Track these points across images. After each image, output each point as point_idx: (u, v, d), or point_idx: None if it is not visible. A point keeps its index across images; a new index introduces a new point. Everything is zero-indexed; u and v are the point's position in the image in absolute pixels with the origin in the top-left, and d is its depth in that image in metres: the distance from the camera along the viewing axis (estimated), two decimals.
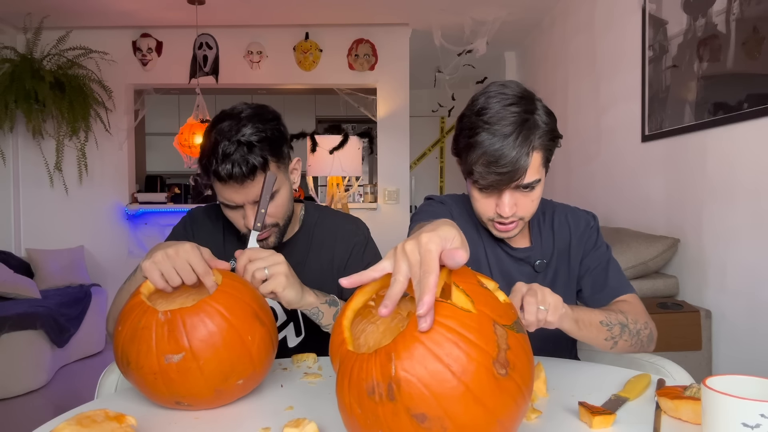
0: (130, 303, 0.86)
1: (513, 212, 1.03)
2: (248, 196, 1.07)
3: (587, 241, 1.18)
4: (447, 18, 3.97)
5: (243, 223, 1.11)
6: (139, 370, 0.80)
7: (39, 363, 3.21)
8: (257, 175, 1.05)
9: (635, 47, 2.66)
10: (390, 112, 4.44)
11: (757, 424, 0.57)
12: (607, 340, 1.00)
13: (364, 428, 0.60)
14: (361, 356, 0.61)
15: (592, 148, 3.24)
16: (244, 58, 4.31)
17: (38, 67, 3.89)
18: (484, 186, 1.02)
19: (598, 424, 0.75)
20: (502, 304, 0.64)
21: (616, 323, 1.00)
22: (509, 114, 0.98)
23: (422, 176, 6.80)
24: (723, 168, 2.04)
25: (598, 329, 0.98)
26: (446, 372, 0.56)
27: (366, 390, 0.58)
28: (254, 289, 0.92)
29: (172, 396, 0.81)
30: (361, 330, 0.72)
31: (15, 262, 3.97)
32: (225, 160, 1.03)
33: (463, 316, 0.59)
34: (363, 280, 0.63)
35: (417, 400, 0.56)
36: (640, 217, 2.65)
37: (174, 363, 0.79)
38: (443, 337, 0.57)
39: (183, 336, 0.79)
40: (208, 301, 0.83)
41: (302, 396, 0.90)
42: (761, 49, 1.81)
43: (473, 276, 0.65)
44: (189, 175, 5.03)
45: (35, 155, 4.25)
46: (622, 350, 1.04)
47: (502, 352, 0.58)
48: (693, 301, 2.21)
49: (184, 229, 1.26)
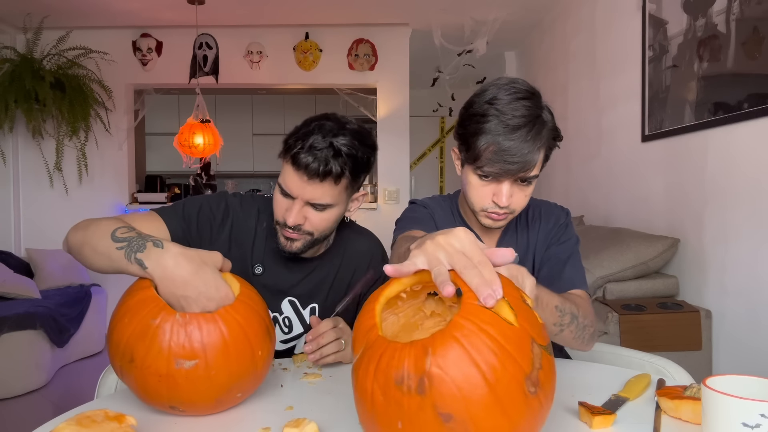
0: (140, 295, 0.80)
1: (509, 203, 1.04)
2: (305, 194, 1.05)
3: (553, 236, 1.19)
4: (447, 18, 3.97)
5: (284, 213, 1.08)
6: (142, 369, 0.76)
7: (39, 363, 3.21)
8: (327, 180, 1.04)
9: (635, 47, 2.66)
10: (390, 112, 4.44)
11: (757, 424, 0.57)
12: (555, 326, 0.99)
13: (383, 416, 0.59)
14: (394, 344, 0.60)
15: (592, 148, 3.24)
16: (244, 58, 4.31)
17: (38, 67, 3.89)
18: (488, 174, 1.02)
19: (598, 424, 0.75)
20: (539, 324, 0.64)
21: (568, 312, 1.00)
22: (521, 107, 0.99)
23: (422, 176, 6.80)
24: (723, 168, 2.04)
25: (551, 312, 0.97)
26: (480, 377, 0.56)
27: (394, 379, 0.58)
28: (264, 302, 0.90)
29: (170, 401, 0.78)
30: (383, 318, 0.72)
31: (15, 262, 3.97)
32: (310, 151, 1.02)
33: (506, 327, 0.58)
34: (403, 272, 0.65)
35: (447, 399, 0.55)
36: (640, 217, 2.65)
37: (185, 369, 0.75)
38: (482, 343, 0.57)
39: (200, 342, 0.76)
40: (228, 310, 0.80)
41: (302, 396, 0.90)
42: (761, 49, 1.81)
43: (517, 290, 0.65)
44: (189, 175, 5.02)
45: (35, 155, 4.25)
46: (562, 340, 1.03)
47: (536, 370, 0.58)
48: (693, 301, 2.21)
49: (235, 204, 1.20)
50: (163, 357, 0.75)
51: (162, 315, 0.77)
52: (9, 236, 4.30)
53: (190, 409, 0.80)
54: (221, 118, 6.59)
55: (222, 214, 1.16)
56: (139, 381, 0.78)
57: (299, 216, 1.06)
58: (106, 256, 0.87)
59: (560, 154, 4.22)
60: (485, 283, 0.59)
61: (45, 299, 3.62)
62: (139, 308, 0.78)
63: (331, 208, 1.08)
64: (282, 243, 1.11)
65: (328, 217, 1.10)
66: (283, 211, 1.08)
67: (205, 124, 3.94)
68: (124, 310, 0.80)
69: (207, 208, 1.15)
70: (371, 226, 1.36)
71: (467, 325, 0.58)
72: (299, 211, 1.06)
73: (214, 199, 1.18)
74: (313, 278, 1.21)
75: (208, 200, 1.17)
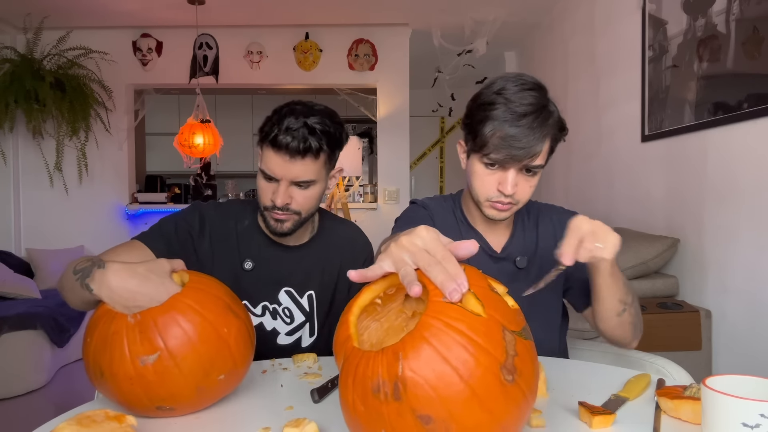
0: (97, 313, 0.82)
1: (513, 192, 1.05)
2: (288, 173, 1.11)
3: None
4: (447, 18, 3.97)
5: (270, 197, 1.14)
6: (114, 378, 0.77)
7: (39, 363, 3.21)
8: (307, 156, 1.10)
9: (635, 47, 2.66)
10: (390, 112, 4.44)
11: (757, 424, 0.58)
12: (620, 303, 1.04)
13: (367, 426, 0.59)
14: (367, 354, 0.60)
15: (592, 148, 3.24)
16: (244, 58, 4.31)
17: (38, 67, 3.89)
18: (494, 161, 1.03)
19: (598, 424, 0.75)
20: (511, 310, 0.63)
21: (632, 294, 1.05)
22: (529, 96, 1.01)
23: (422, 176, 6.80)
24: (723, 168, 2.04)
25: (621, 289, 1.02)
26: (453, 375, 0.55)
27: (371, 388, 0.58)
28: (224, 285, 0.91)
29: (152, 401, 0.78)
30: (365, 327, 0.72)
31: (15, 262, 3.97)
32: (287, 132, 1.08)
33: (474, 320, 0.58)
34: (368, 276, 0.64)
35: (423, 401, 0.55)
36: (640, 217, 2.65)
37: (150, 364, 0.76)
38: (452, 340, 0.56)
39: (156, 335, 0.76)
40: (177, 297, 0.81)
41: (302, 396, 0.90)
42: (761, 49, 1.81)
43: (484, 279, 0.64)
44: (189, 175, 5.02)
45: (35, 155, 4.25)
46: (621, 324, 1.07)
47: (510, 358, 0.57)
48: (693, 301, 2.21)
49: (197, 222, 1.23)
50: (126, 360, 0.76)
51: (115, 322, 0.78)
52: (9, 236, 4.30)
53: (174, 404, 0.79)
54: (221, 118, 6.59)
55: (198, 224, 1.21)
56: (115, 391, 0.78)
57: (286, 195, 1.12)
58: (71, 291, 0.89)
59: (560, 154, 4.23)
60: (449, 278, 0.58)
61: (45, 299, 3.62)
62: (96, 324, 0.81)
63: (313, 184, 1.15)
64: (273, 225, 1.17)
65: (311, 194, 1.16)
66: (269, 194, 1.14)
67: (205, 124, 3.94)
68: (87, 332, 0.82)
69: (183, 222, 1.20)
70: (371, 226, 1.37)
71: (435, 324, 0.57)
72: (285, 191, 1.12)
73: (189, 212, 1.23)
74: (304, 266, 1.25)
75: (182, 214, 1.22)
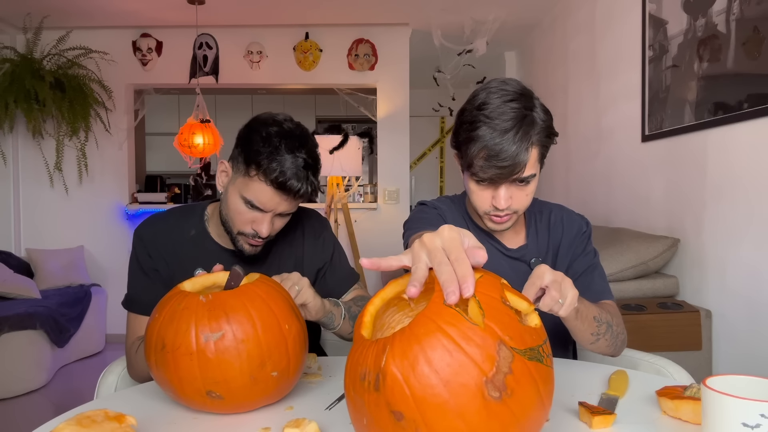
0: (168, 294, 0.88)
1: (508, 205, 1.06)
2: (279, 208, 1.10)
3: (577, 246, 1.20)
4: (447, 18, 3.97)
5: (251, 225, 1.11)
6: (174, 351, 0.79)
7: (39, 363, 3.22)
8: (302, 197, 1.10)
9: (635, 47, 2.66)
10: (390, 112, 4.44)
11: (757, 424, 0.57)
12: (593, 335, 1.03)
13: (355, 411, 0.62)
14: (366, 342, 0.62)
15: (592, 148, 3.24)
16: (244, 58, 4.31)
17: (38, 67, 3.89)
18: (483, 179, 1.04)
19: (598, 424, 0.75)
20: (522, 327, 0.60)
21: (604, 322, 1.04)
22: (509, 110, 1.00)
23: (422, 176, 6.80)
24: (723, 168, 2.04)
25: (589, 323, 1.01)
26: (432, 377, 0.55)
27: (359, 375, 0.59)
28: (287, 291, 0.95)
29: (205, 383, 0.79)
30: (398, 321, 0.73)
31: (15, 262, 3.97)
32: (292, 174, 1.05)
33: (467, 327, 0.56)
34: (381, 265, 0.63)
35: (397, 396, 0.55)
36: (640, 217, 2.65)
37: (212, 342, 0.78)
38: (439, 343, 0.56)
39: (223, 315, 0.80)
40: (249, 287, 0.86)
41: (302, 396, 0.90)
42: (761, 49, 1.81)
43: (499, 290, 0.62)
44: (189, 175, 5.03)
45: (35, 155, 4.25)
46: (597, 349, 1.07)
47: (500, 374, 0.55)
48: (693, 301, 2.21)
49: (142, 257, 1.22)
50: (190, 334, 0.79)
51: (186, 300, 0.83)
52: (9, 236, 4.30)
53: (226, 392, 0.80)
54: (221, 118, 6.59)
55: (146, 250, 1.19)
56: (172, 368, 0.80)
57: (270, 227, 1.11)
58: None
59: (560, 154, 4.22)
60: (452, 279, 0.57)
61: (45, 299, 3.63)
62: (166, 302, 0.85)
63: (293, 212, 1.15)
64: (247, 250, 1.15)
65: (287, 219, 1.17)
66: (248, 222, 1.11)
67: (205, 124, 3.94)
68: (156, 309, 0.87)
69: (140, 257, 1.19)
70: (371, 226, 1.37)
71: (428, 324, 0.57)
72: (270, 222, 1.11)
73: (136, 245, 1.21)
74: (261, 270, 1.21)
75: (134, 251, 1.21)
